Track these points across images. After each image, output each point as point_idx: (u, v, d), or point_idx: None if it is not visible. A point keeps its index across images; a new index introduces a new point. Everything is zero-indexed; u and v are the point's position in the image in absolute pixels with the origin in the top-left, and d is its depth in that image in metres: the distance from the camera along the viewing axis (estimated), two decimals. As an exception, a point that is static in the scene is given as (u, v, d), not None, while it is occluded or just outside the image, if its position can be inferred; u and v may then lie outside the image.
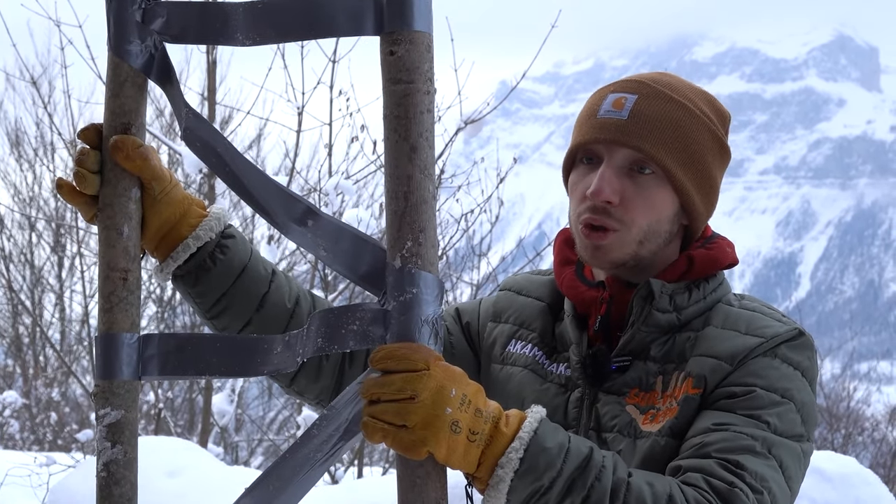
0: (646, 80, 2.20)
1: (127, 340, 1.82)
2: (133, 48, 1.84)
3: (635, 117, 2.14)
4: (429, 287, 1.68)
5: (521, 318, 2.32)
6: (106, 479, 1.78)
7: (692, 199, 2.15)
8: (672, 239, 2.19)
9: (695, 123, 2.16)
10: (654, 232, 2.15)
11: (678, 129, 2.14)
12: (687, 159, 2.14)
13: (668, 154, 2.12)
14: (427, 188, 1.69)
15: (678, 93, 2.18)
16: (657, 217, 2.14)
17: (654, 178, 2.13)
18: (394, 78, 1.70)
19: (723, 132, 2.21)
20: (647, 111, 2.15)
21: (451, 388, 1.68)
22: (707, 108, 2.20)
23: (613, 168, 2.14)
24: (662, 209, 2.14)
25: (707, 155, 2.17)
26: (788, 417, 2.03)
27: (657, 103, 2.16)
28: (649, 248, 2.15)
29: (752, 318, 2.14)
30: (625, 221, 2.13)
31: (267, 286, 2.13)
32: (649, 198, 2.13)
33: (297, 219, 1.79)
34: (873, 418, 20.23)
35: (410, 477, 1.68)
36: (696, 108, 2.17)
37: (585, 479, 1.81)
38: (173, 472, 6.01)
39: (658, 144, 2.12)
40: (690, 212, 2.17)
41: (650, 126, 2.13)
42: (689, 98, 2.18)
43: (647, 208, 2.13)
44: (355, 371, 2.23)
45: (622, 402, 2.12)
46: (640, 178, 2.14)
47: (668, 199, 2.14)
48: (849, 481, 6.13)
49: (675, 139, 2.13)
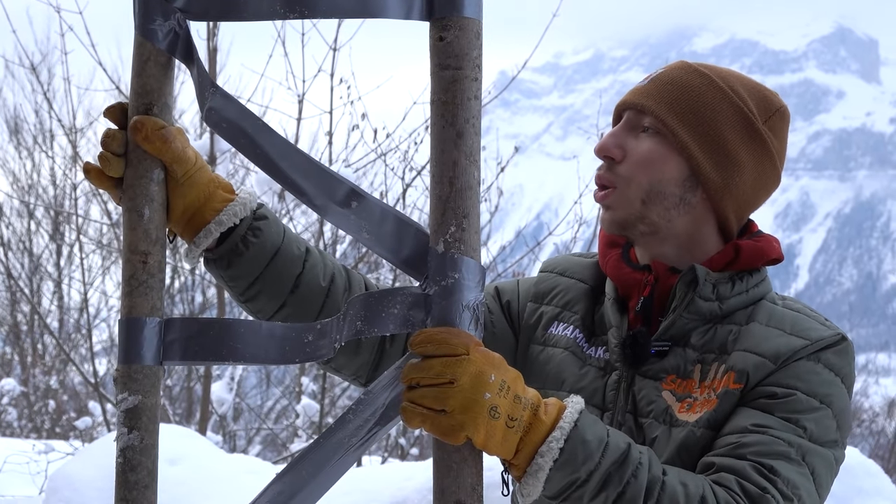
0: (693, 62, 2.22)
1: (148, 324, 1.79)
2: (157, 27, 1.81)
3: (653, 82, 2.18)
4: (471, 272, 1.68)
5: (564, 300, 2.30)
6: (122, 465, 1.76)
7: (699, 162, 2.12)
8: (691, 209, 2.16)
9: (715, 93, 2.15)
10: (657, 192, 2.13)
11: (689, 91, 2.14)
12: (694, 120, 2.13)
13: (670, 111, 2.13)
14: (472, 174, 1.69)
15: (712, 70, 2.19)
16: (659, 177, 2.13)
17: (657, 136, 2.14)
18: (442, 63, 1.69)
19: (756, 115, 2.16)
20: (665, 77, 2.17)
21: (491, 374, 1.68)
22: (742, 89, 2.18)
23: (623, 127, 2.18)
24: (665, 169, 2.13)
25: (722, 124, 2.13)
26: (825, 423, 2.03)
27: (681, 73, 2.18)
28: (657, 210, 2.14)
29: (797, 318, 2.13)
30: (624, 177, 2.14)
31: (301, 266, 2.09)
32: (648, 153, 2.13)
33: (340, 200, 1.77)
34: (871, 410, 20.29)
35: (447, 461, 1.68)
36: (724, 84, 2.16)
37: (622, 474, 1.81)
38: (174, 459, 6.01)
39: (662, 102, 2.14)
40: (701, 178, 2.14)
41: (661, 88, 2.15)
42: (721, 76, 2.18)
43: (646, 164, 2.13)
44: (395, 350, 2.21)
45: (659, 387, 2.11)
46: (643, 135, 2.15)
47: (672, 160, 2.13)
48: (851, 472, 6.14)
49: (682, 100, 2.14)
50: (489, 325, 2.30)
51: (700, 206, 2.17)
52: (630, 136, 2.16)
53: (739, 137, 2.15)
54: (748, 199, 2.20)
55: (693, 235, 2.18)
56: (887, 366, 42.16)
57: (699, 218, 2.18)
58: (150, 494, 1.78)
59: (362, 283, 2.19)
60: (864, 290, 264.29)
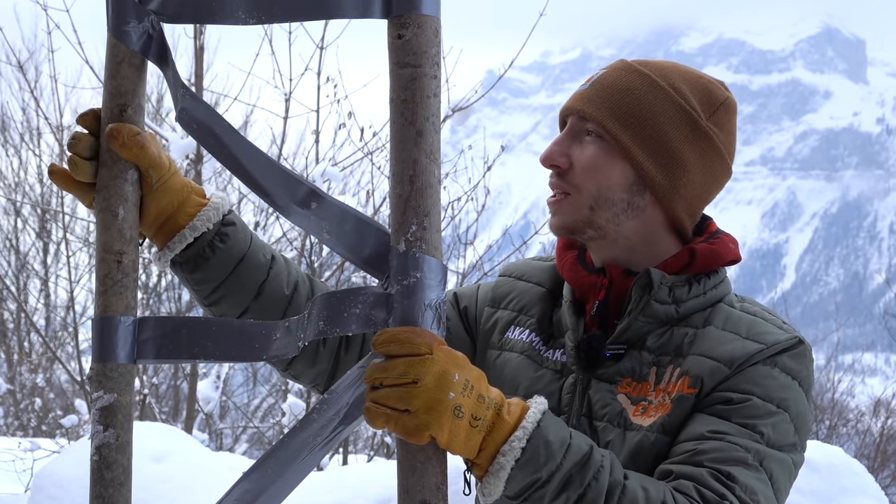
0: (633, 60, 2.20)
1: (122, 323, 1.80)
2: (131, 29, 1.82)
3: (594, 86, 2.16)
4: (432, 271, 1.67)
5: (520, 304, 2.30)
6: (98, 462, 1.77)
7: (643, 166, 2.11)
8: (640, 213, 2.14)
9: (653, 92, 2.13)
10: (605, 199, 2.12)
11: (629, 94, 2.12)
12: (635, 124, 2.11)
13: (612, 116, 2.11)
14: (432, 172, 1.69)
15: (652, 69, 2.17)
16: (606, 183, 2.12)
17: (600, 141, 2.12)
18: (401, 62, 1.69)
19: (699, 112, 2.14)
20: (605, 80, 2.16)
21: (455, 373, 1.68)
22: (684, 86, 2.15)
23: (567, 134, 2.16)
24: (611, 174, 2.12)
25: (664, 125, 2.11)
26: (783, 428, 2.03)
27: (621, 74, 2.16)
28: (605, 216, 2.13)
29: (754, 322, 2.12)
30: (574, 185, 2.13)
31: (265, 274, 2.11)
32: (592, 160, 2.12)
33: (300, 201, 1.78)
34: (857, 409, 20.30)
35: (411, 461, 1.68)
36: (666, 82, 2.14)
37: (583, 476, 1.82)
38: (158, 457, 6.02)
39: (602, 107, 2.12)
40: (647, 181, 2.12)
41: (601, 92, 2.14)
42: (663, 75, 2.16)
43: (591, 171, 2.12)
44: (351, 358, 2.22)
45: (614, 390, 2.11)
46: (586, 141, 2.14)
47: (617, 165, 2.12)
48: (835, 471, 6.17)
49: (622, 104, 2.12)
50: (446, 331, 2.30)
51: (649, 209, 2.15)
52: (574, 143, 2.15)
53: (683, 137, 2.13)
54: (699, 197, 2.18)
55: (645, 237, 2.17)
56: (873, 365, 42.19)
57: (649, 220, 2.16)
58: (126, 492, 1.78)
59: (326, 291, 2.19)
60: (851, 289, 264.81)
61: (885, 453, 18.00)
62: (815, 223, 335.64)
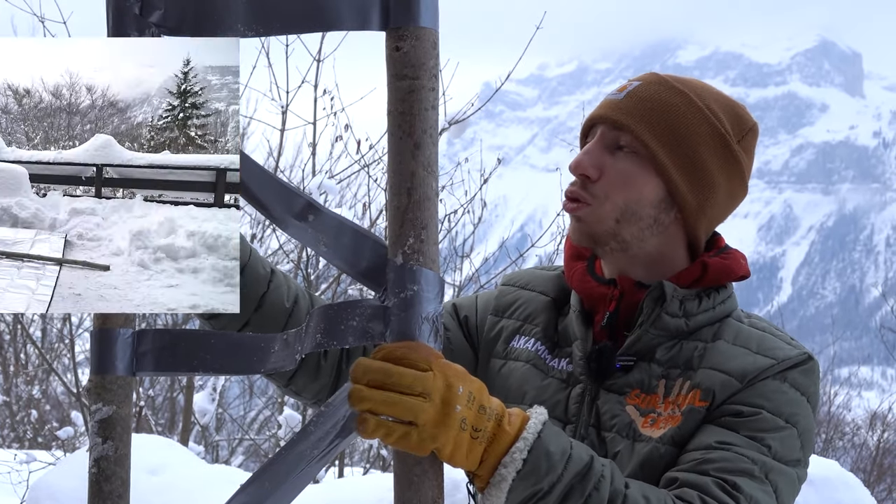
0: (663, 74, 2.20)
1: (121, 336, 1.80)
2: None
3: (630, 98, 2.15)
4: (430, 284, 1.66)
5: (525, 313, 2.30)
6: (96, 475, 1.77)
7: (676, 185, 2.11)
8: (664, 229, 2.15)
9: (692, 112, 2.13)
10: (632, 212, 2.12)
11: (668, 112, 2.12)
12: (672, 142, 2.11)
13: (651, 132, 2.11)
14: (430, 185, 1.68)
15: (688, 86, 2.17)
16: (636, 197, 2.12)
17: (634, 156, 2.12)
18: (399, 74, 1.68)
19: (731, 135, 2.15)
20: (642, 93, 2.15)
21: (459, 386, 1.67)
22: (718, 107, 2.16)
23: (598, 143, 2.15)
24: (643, 190, 2.12)
25: (700, 146, 2.12)
26: (790, 443, 2.04)
27: (657, 88, 2.16)
28: (631, 230, 2.13)
29: (763, 337, 2.13)
30: (598, 196, 2.12)
31: (265, 286, 2.11)
32: (626, 174, 2.11)
33: (297, 213, 1.77)
34: (853, 423, 20.30)
35: (408, 475, 1.67)
36: (700, 101, 2.15)
37: (584, 487, 1.81)
38: (154, 469, 6.01)
39: (641, 122, 2.11)
40: (677, 200, 2.13)
41: (640, 105, 2.13)
42: (697, 93, 2.16)
43: (622, 184, 2.11)
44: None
45: (623, 401, 2.11)
46: (619, 154, 2.13)
47: (650, 181, 2.12)
48: (830, 485, 6.16)
49: (661, 120, 2.12)
50: (446, 342, 2.29)
51: (672, 227, 2.16)
52: (606, 154, 2.14)
53: (716, 158, 2.14)
54: (717, 217, 2.20)
55: (664, 254, 2.17)
56: (870, 378, 42.23)
57: (671, 238, 2.17)
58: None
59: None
60: (847, 303, 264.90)
61: (881, 467, 17.99)
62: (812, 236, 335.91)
